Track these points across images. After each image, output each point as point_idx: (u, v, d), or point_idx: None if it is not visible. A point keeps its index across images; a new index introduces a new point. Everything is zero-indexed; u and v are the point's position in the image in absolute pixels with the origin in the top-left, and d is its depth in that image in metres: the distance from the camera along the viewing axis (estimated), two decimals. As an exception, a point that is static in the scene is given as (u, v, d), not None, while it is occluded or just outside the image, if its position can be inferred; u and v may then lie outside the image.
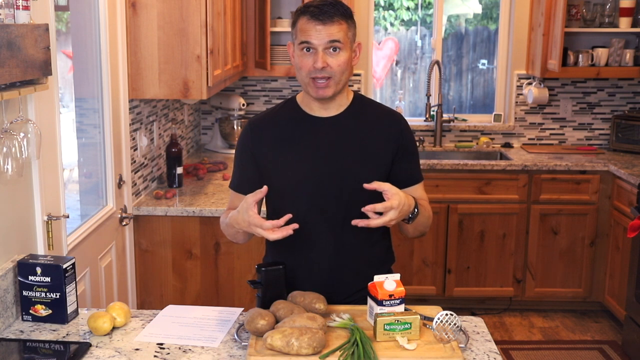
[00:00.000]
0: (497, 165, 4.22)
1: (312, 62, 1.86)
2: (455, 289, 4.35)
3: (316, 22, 1.85)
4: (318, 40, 1.85)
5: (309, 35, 1.86)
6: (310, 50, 1.87)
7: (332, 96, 1.92)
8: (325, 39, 1.85)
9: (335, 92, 1.91)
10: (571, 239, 4.28)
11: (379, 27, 5.06)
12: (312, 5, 1.87)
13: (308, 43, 1.86)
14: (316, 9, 1.85)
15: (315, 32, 1.85)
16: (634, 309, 3.73)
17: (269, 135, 2.00)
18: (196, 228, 3.19)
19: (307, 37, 1.86)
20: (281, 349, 1.63)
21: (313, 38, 1.85)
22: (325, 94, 1.90)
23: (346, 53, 1.88)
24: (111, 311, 1.89)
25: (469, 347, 1.78)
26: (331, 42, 1.85)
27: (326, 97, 1.91)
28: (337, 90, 1.92)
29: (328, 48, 1.86)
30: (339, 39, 1.86)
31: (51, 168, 2.29)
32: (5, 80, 1.72)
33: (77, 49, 2.83)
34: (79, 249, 2.57)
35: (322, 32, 1.84)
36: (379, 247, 2.10)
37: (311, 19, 1.85)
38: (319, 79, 1.88)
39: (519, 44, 4.73)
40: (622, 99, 4.78)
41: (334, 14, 1.85)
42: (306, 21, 1.86)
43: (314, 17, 1.85)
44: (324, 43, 1.85)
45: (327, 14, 1.84)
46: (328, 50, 1.86)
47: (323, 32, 1.84)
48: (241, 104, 4.48)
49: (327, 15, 1.84)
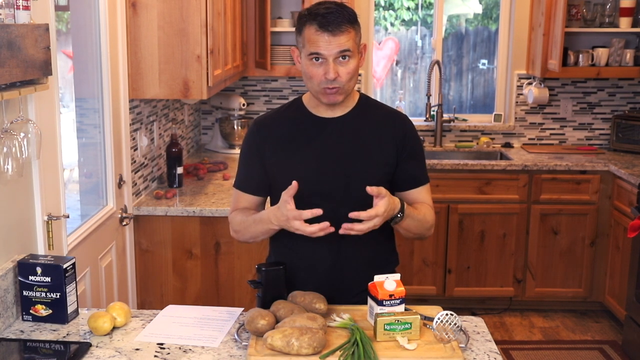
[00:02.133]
0: (498, 165, 4.22)
1: (323, 72, 1.85)
2: (456, 289, 4.35)
3: (325, 33, 1.82)
4: (328, 52, 1.84)
5: (318, 46, 1.84)
6: (320, 60, 1.86)
7: (342, 101, 1.94)
8: (335, 50, 1.83)
9: (345, 97, 1.94)
10: (571, 239, 4.28)
11: (379, 27, 5.06)
12: (318, 13, 1.84)
13: (318, 54, 1.85)
14: (324, 19, 1.82)
15: (325, 44, 1.83)
16: (634, 309, 3.73)
17: (275, 134, 2.01)
18: (196, 228, 3.18)
19: (317, 49, 1.84)
20: (281, 349, 1.63)
21: (323, 49, 1.84)
22: (337, 100, 1.92)
23: (355, 60, 1.88)
24: (111, 311, 1.89)
25: (469, 347, 1.78)
26: (341, 51, 1.84)
27: (337, 103, 1.93)
28: (347, 96, 1.94)
29: (338, 57, 1.85)
30: (348, 48, 1.84)
31: (51, 168, 2.29)
32: (5, 80, 1.72)
33: (77, 49, 2.83)
34: (79, 249, 2.57)
35: (332, 43, 1.83)
36: (383, 248, 2.10)
37: (320, 29, 1.83)
38: (330, 88, 1.88)
39: (519, 44, 4.73)
40: (622, 99, 4.78)
41: (341, 22, 1.83)
42: (314, 32, 1.84)
43: (322, 27, 1.82)
44: (334, 54, 1.84)
45: (334, 23, 1.82)
46: (338, 59, 1.85)
47: (333, 43, 1.83)
48: (241, 104, 4.48)
49: (335, 25, 1.82)
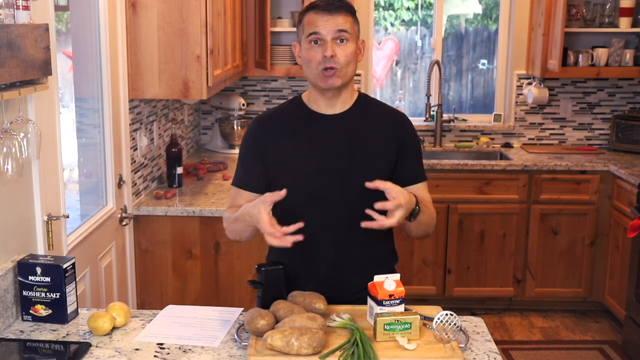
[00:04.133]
0: (497, 165, 4.22)
1: (322, 52, 1.90)
2: (456, 289, 4.35)
3: (323, 13, 1.90)
4: (326, 30, 1.89)
5: (316, 26, 1.90)
6: (319, 42, 1.90)
7: (340, 86, 1.95)
8: (333, 28, 1.89)
9: (343, 83, 1.95)
10: (571, 239, 4.28)
11: (379, 27, 5.06)
12: (317, 3, 1.93)
13: (316, 34, 1.90)
14: (322, 2, 1.91)
15: (323, 22, 1.89)
16: (634, 309, 3.73)
17: (275, 132, 2.02)
18: (196, 228, 3.19)
19: (315, 28, 1.90)
20: (281, 349, 1.63)
21: (321, 28, 1.90)
22: (335, 83, 1.93)
23: (353, 44, 1.93)
24: (111, 311, 1.89)
25: (469, 347, 1.78)
26: (339, 31, 1.90)
27: (335, 86, 1.94)
28: (345, 81, 1.95)
29: (336, 39, 1.90)
30: (346, 29, 1.90)
31: (51, 168, 2.29)
32: (5, 80, 1.72)
33: (77, 49, 2.83)
34: (79, 249, 2.57)
35: (330, 21, 1.89)
36: (382, 247, 2.10)
37: (318, 11, 1.91)
38: (328, 69, 1.91)
39: (519, 44, 4.73)
40: (622, 99, 4.78)
41: (340, 6, 1.91)
42: (313, 14, 1.92)
43: (321, 9, 1.90)
44: (332, 32, 1.89)
45: (333, 5, 1.90)
46: (336, 40, 1.90)
47: (331, 21, 1.89)
48: (241, 104, 4.48)
49: (334, 6, 1.90)
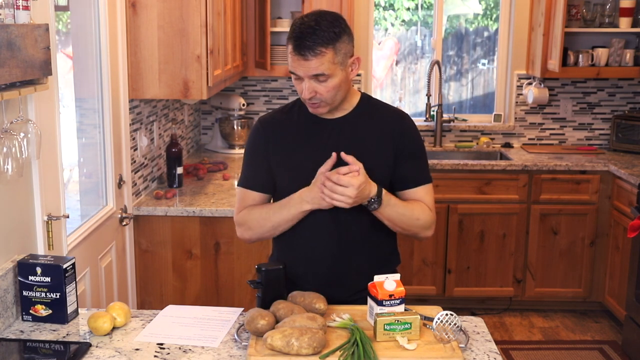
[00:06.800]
0: (497, 165, 4.22)
1: (302, 89, 1.90)
2: (455, 289, 4.35)
3: (298, 57, 1.85)
4: (303, 73, 1.87)
5: (294, 67, 1.88)
6: (300, 78, 1.89)
7: (329, 112, 1.96)
8: (308, 73, 1.86)
9: (330, 109, 1.96)
10: (571, 239, 4.28)
11: (379, 27, 5.05)
12: (295, 33, 1.85)
13: (294, 74, 1.90)
14: (298, 42, 1.83)
15: (299, 66, 1.86)
16: (634, 309, 3.73)
17: (278, 133, 2.04)
18: (196, 228, 3.18)
19: (293, 69, 1.89)
20: (281, 349, 1.63)
21: (298, 71, 1.88)
22: (321, 112, 1.96)
23: (335, 78, 1.88)
24: (111, 311, 1.89)
25: (469, 347, 1.78)
26: (316, 75, 1.86)
27: (322, 114, 1.97)
28: (332, 108, 1.96)
29: (315, 78, 1.87)
30: (322, 72, 1.85)
31: (51, 168, 2.29)
32: (5, 80, 1.72)
33: (77, 49, 2.82)
34: (79, 249, 2.57)
35: (305, 66, 1.85)
36: (384, 247, 2.10)
37: (294, 51, 1.85)
38: (313, 101, 1.92)
39: (519, 44, 4.73)
40: (622, 99, 4.78)
41: (314, 46, 1.82)
42: (291, 51, 1.87)
43: (295, 50, 1.84)
44: (308, 75, 1.87)
45: (307, 47, 1.82)
46: (316, 79, 1.87)
47: (305, 66, 1.85)
48: (241, 104, 4.48)
49: (308, 48, 1.82)
